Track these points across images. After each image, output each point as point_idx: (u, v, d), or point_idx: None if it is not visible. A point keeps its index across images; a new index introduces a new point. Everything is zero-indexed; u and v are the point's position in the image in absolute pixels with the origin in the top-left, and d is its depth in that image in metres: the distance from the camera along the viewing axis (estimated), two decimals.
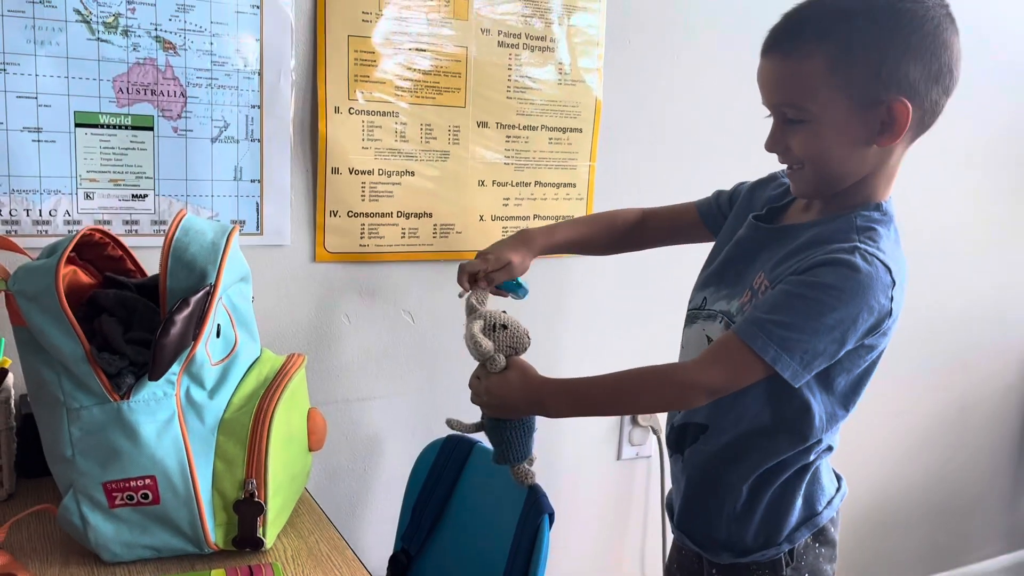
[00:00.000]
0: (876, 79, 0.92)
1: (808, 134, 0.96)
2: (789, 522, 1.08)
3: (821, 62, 0.93)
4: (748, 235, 1.11)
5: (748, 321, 0.96)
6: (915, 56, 0.92)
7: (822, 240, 0.98)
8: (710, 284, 1.14)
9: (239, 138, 1.26)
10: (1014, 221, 2.21)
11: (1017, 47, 2.07)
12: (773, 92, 0.98)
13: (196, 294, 0.89)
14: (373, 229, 1.38)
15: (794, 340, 0.93)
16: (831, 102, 0.94)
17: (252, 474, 0.93)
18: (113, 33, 1.15)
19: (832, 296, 0.93)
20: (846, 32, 0.93)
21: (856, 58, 0.92)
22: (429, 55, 1.37)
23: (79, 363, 0.88)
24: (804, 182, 1.02)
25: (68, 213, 1.17)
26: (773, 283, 1.00)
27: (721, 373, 0.98)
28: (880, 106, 0.93)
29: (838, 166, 0.98)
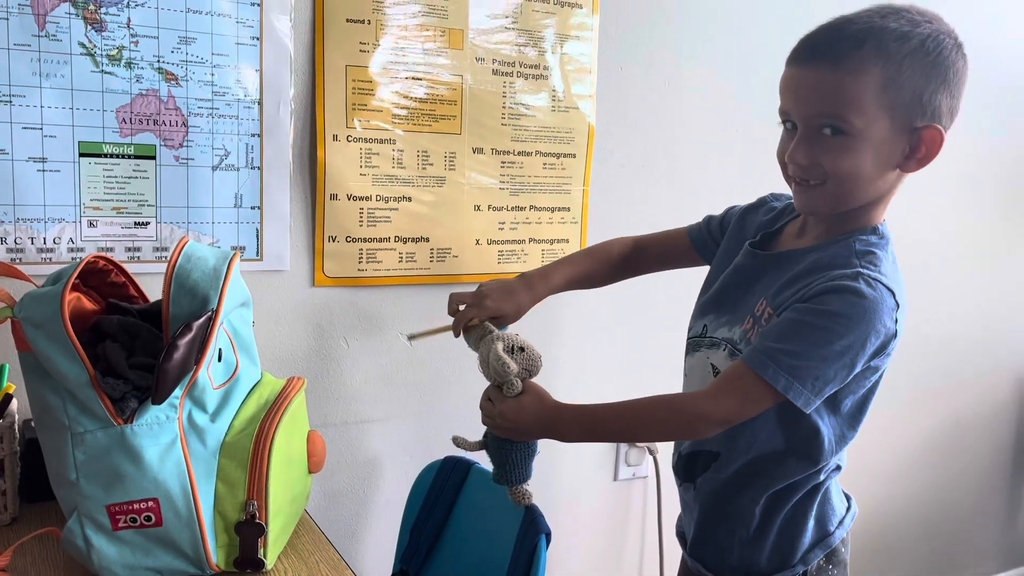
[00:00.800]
0: (919, 105, 0.94)
1: (845, 149, 0.95)
2: (802, 544, 1.09)
3: (877, 78, 0.92)
4: (745, 262, 1.11)
5: (757, 350, 0.96)
6: (948, 89, 0.95)
7: (823, 266, 0.99)
8: (708, 311, 1.15)
9: (239, 166, 1.28)
10: (1003, 240, 2.24)
11: (1002, 66, 2.11)
12: (815, 102, 0.96)
13: (198, 319, 0.92)
14: (371, 254, 1.41)
15: (804, 368, 0.93)
16: (876, 120, 0.93)
17: (253, 496, 0.94)
18: (117, 65, 1.18)
19: (840, 323, 0.93)
20: (900, 51, 0.92)
21: (906, 80, 0.93)
22: (425, 84, 1.40)
23: (84, 388, 0.89)
24: (818, 198, 1.00)
25: (72, 241, 1.20)
26: (777, 310, 1.00)
27: (733, 404, 0.98)
28: (914, 132, 0.95)
29: (863, 186, 0.97)
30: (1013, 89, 2.14)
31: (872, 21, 0.95)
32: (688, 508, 1.19)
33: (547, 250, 1.57)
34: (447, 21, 1.40)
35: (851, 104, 0.93)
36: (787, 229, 1.12)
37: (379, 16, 1.34)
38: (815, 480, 1.07)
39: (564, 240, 1.58)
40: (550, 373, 1.60)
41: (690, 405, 1.02)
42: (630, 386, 1.29)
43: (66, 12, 1.14)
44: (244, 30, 1.25)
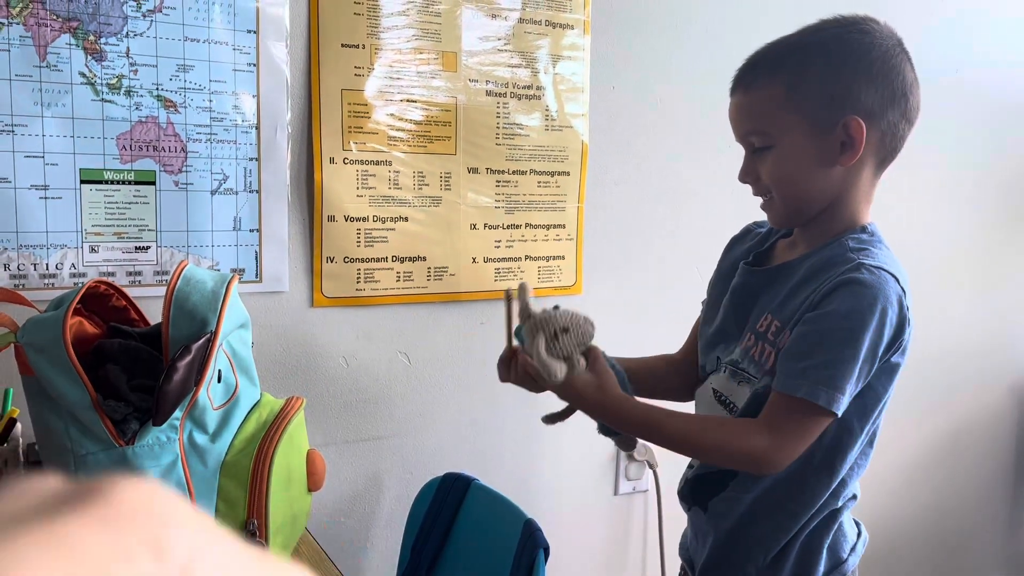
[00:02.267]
0: (830, 101, 0.98)
1: (773, 159, 1.01)
2: (818, 571, 1.08)
3: (779, 89, 1.00)
4: (742, 282, 1.12)
5: (787, 375, 0.96)
6: (866, 80, 0.99)
7: (821, 268, 1.01)
8: (718, 342, 1.14)
9: (238, 190, 1.31)
10: (999, 253, 2.25)
11: (992, 80, 2.13)
12: (740, 124, 1.05)
13: (197, 341, 0.93)
14: (369, 274, 1.43)
15: (837, 375, 0.94)
16: (791, 126, 1.00)
17: (253, 514, 0.96)
18: (116, 93, 1.21)
19: (854, 319, 0.95)
20: (799, 60, 1.00)
21: (810, 82, 0.99)
22: (420, 106, 1.43)
23: (86, 411, 0.91)
24: (778, 211, 1.06)
25: (74, 266, 1.22)
26: (787, 322, 1.01)
27: (795, 441, 0.97)
28: (836, 127, 0.99)
29: (804, 188, 1.02)
30: (1008, 103, 2.16)
31: (778, 42, 1.03)
32: (700, 532, 1.16)
33: (543, 267, 1.59)
34: (440, 44, 1.43)
35: (763, 118, 1.01)
36: (778, 245, 1.14)
37: (373, 40, 1.37)
38: (833, 505, 1.07)
39: (560, 257, 1.60)
40: None
41: (759, 450, 0.97)
42: None
43: (66, 43, 1.17)
44: (241, 57, 1.28)
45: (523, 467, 1.63)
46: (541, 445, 1.65)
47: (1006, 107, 2.17)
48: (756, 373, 1.05)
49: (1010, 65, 2.16)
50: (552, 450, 1.66)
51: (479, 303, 1.54)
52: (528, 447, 1.63)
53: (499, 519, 1.24)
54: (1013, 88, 2.17)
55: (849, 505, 1.10)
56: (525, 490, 1.59)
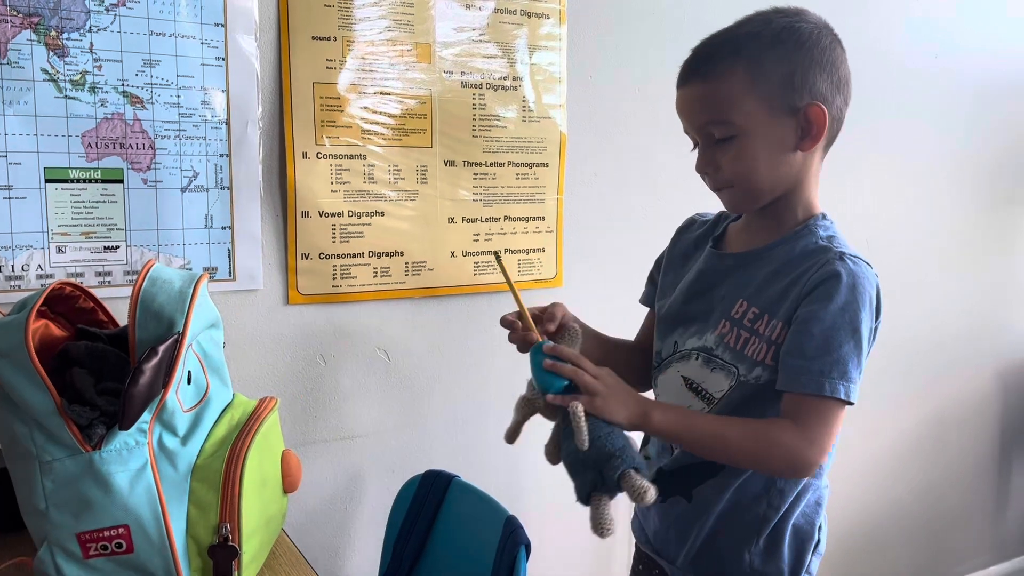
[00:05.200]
0: (791, 88, 1.00)
1: (737, 149, 1.02)
2: (808, 552, 1.10)
3: (740, 76, 1.00)
4: (711, 266, 1.13)
5: (799, 373, 0.98)
6: (819, 67, 1.01)
7: (798, 257, 1.04)
8: (677, 326, 1.15)
9: (208, 187, 1.28)
10: (982, 237, 2.25)
11: (976, 66, 2.13)
12: (698, 114, 1.04)
13: (164, 343, 0.91)
14: (345, 270, 1.40)
15: (850, 368, 0.97)
16: (754, 112, 1.00)
17: (226, 518, 0.94)
18: (80, 90, 1.18)
19: (850, 312, 0.98)
20: (756, 48, 1.01)
21: (770, 70, 1.00)
22: (394, 98, 1.40)
23: (50, 416, 0.89)
24: (736, 198, 1.07)
25: (41, 267, 1.19)
26: (766, 310, 1.03)
27: (826, 438, 0.98)
28: (797, 113, 1.01)
29: (765, 175, 1.03)
30: (992, 87, 2.16)
31: (728, 32, 1.05)
32: (678, 524, 1.14)
33: (523, 260, 1.57)
34: (414, 35, 1.41)
35: (726, 106, 1.01)
36: (729, 229, 1.16)
37: (345, 33, 1.35)
38: (816, 481, 1.10)
39: (540, 249, 1.58)
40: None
41: (797, 452, 0.98)
42: None
43: (27, 39, 1.14)
44: (209, 51, 1.25)
45: (505, 464, 1.61)
46: (523, 441, 1.62)
47: (986, 92, 2.16)
48: (733, 360, 1.06)
49: (989, 51, 2.15)
50: (534, 446, 1.64)
51: (459, 298, 1.52)
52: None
53: (481, 516, 1.23)
54: (992, 73, 2.17)
55: (827, 490, 1.13)
56: (507, 487, 1.58)
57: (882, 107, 1.99)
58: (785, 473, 1.04)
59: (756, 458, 1.01)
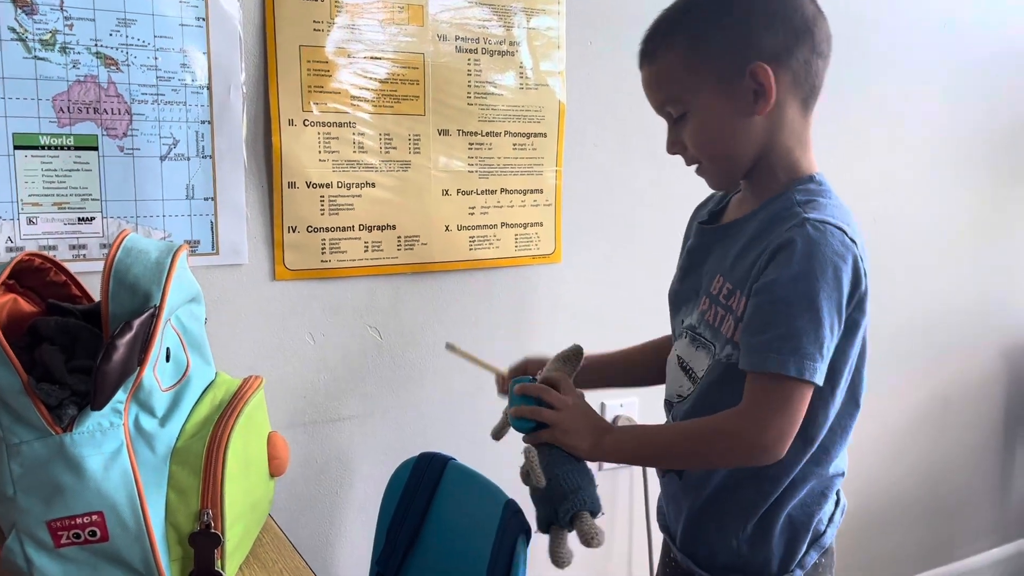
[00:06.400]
0: (732, 52, 0.96)
1: (693, 124, 1.00)
2: (801, 546, 1.04)
3: (680, 51, 0.98)
4: (696, 242, 1.10)
5: (752, 352, 0.92)
6: (764, 23, 0.96)
7: (769, 224, 0.97)
8: (680, 305, 1.12)
9: (189, 155, 1.21)
10: (989, 215, 2.20)
11: (986, 38, 2.07)
12: (653, 96, 1.03)
13: (140, 317, 0.85)
14: (334, 244, 1.34)
15: (803, 343, 0.90)
16: (700, 86, 0.98)
17: (207, 504, 0.88)
18: (51, 51, 1.11)
19: (807, 281, 0.91)
20: (693, 19, 0.99)
21: (708, 38, 0.97)
22: (385, 63, 1.34)
23: (16, 396, 0.82)
24: (711, 174, 1.05)
25: (11, 240, 1.12)
26: (739, 284, 0.98)
27: (777, 419, 0.92)
28: (744, 76, 0.96)
29: (729, 145, 1.00)
30: (996, 65, 2.10)
31: (670, 7, 1.02)
32: (674, 499, 1.12)
33: (520, 235, 1.51)
34: None
35: (672, 84, 1.00)
36: (731, 202, 1.11)
37: None
38: (820, 475, 1.03)
39: (538, 223, 1.52)
40: None
41: (731, 438, 0.94)
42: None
43: None
44: (188, 10, 1.18)
45: (502, 446, 1.55)
46: None
47: (997, 65, 2.11)
48: (712, 338, 1.02)
49: (999, 23, 2.09)
50: None
51: (453, 274, 1.46)
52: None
53: (478, 500, 1.18)
54: (1002, 46, 2.11)
55: (837, 481, 1.06)
56: (505, 470, 1.52)
57: (889, 80, 1.93)
58: (737, 462, 0.98)
59: (706, 455, 0.98)
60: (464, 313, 1.48)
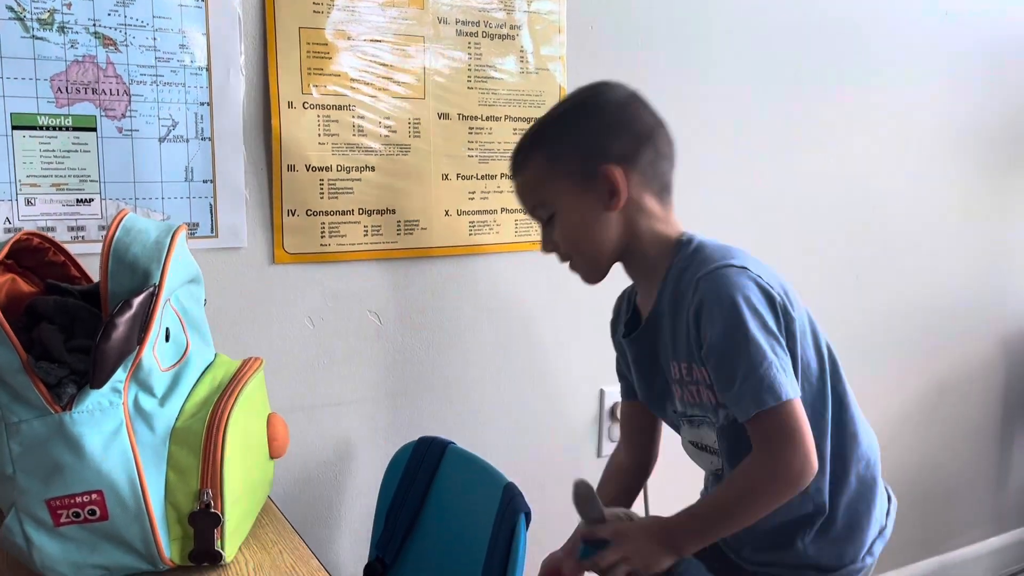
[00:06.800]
0: (584, 158, 1.09)
1: (560, 223, 1.11)
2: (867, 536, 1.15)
3: (541, 162, 1.12)
4: (635, 351, 1.19)
5: (737, 403, 1.01)
6: (609, 132, 1.09)
7: (678, 299, 1.07)
8: (661, 403, 1.20)
9: (188, 137, 1.21)
10: (987, 204, 2.20)
11: (986, 26, 2.06)
12: (524, 202, 1.16)
13: (139, 296, 0.84)
14: (334, 228, 1.33)
15: (768, 371, 0.99)
16: (561, 189, 1.10)
17: (207, 484, 0.88)
18: (49, 30, 1.10)
19: (732, 325, 1.00)
20: (549, 134, 1.13)
21: (564, 148, 1.10)
22: (385, 46, 1.33)
23: (15, 374, 0.82)
24: (580, 268, 1.15)
25: (8, 221, 1.12)
26: (690, 358, 1.07)
27: (792, 442, 0.99)
28: (597, 177, 1.08)
29: (593, 239, 1.11)
30: (996, 54, 2.10)
31: (528, 130, 1.16)
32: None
33: (520, 220, 1.50)
34: None
35: (537, 190, 1.13)
36: (638, 304, 1.19)
37: None
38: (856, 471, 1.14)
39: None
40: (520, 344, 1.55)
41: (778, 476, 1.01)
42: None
43: None
44: None
45: (502, 430, 1.56)
46: (520, 407, 1.58)
47: (996, 53, 2.10)
48: (704, 413, 1.11)
49: (1000, 11, 2.09)
50: (532, 412, 1.59)
51: (453, 259, 1.46)
52: (506, 409, 1.56)
53: (478, 484, 1.18)
54: (1002, 35, 2.11)
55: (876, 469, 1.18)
56: (504, 453, 1.52)
57: (888, 67, 1.93)
58: (788, 495, 1.02)
59: (760, 506, 1.02)
60: (463, 298, 1.48)
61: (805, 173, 1.85)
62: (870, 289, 2.01)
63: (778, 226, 1.82)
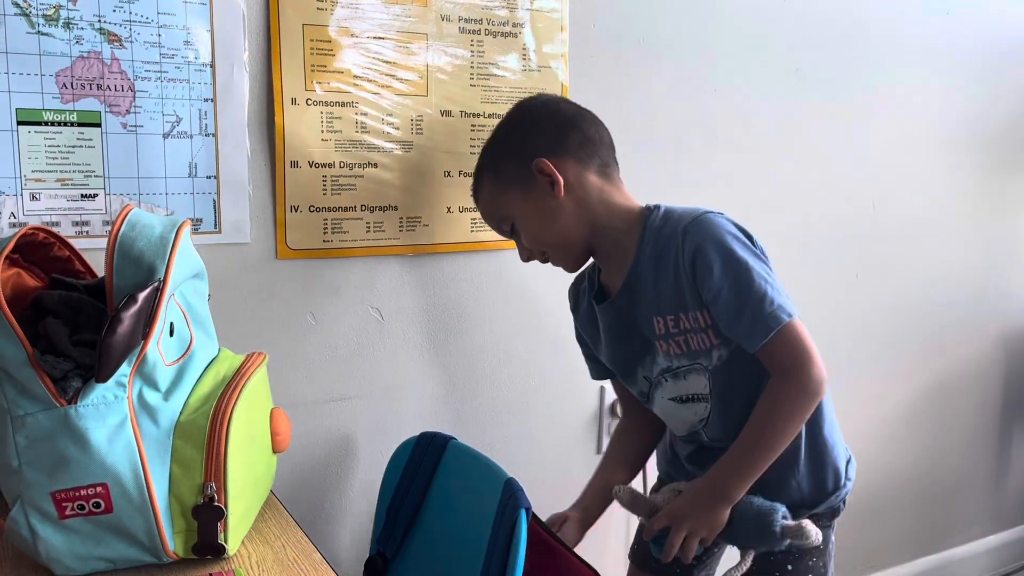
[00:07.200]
0: (518, 162, 1.18)
1: (524, 229, 1.21)
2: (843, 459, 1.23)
3: (488, 181, 1.23)
4: (609, 316, 1.23)
5: (749, 333, 1.10)
6: (532, 131, 1.20)
7: (660, 254, 1.14)
8: (632, 368, 1.25)
9: (192, 133, 1.21)
10: (988, 201, 2.20)
11: (989, 25, 2.07)
12: (489, 221, 1.27)
13: (144, 290, 0.85)
14: (336, 224, 1.34)
15: (768, 296, 1.09)
16: (512, 199, 1.20)
17: (211, 477, 0.88)
18: (54, 26, 1.10)
19: (728, 261, 1.09)
20: (488, 155, 1.24)
21: (501, 162, 1.21)
22: (388, 43, 1.33)
23: (21, 367, 0.83)
24: (559, 260, 1.24)
25: (13, 216, 1.12)
26: (679, 309, 1.14)
27: (807, 358, 1.09)
28: (534, 175, 1.17)
29: (556, 232, 1.19)
30: (997, 53, 2.10)
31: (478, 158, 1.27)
32: None
33: None
34: None
35: (496, 206, 1.23)
36: (603, 280, 1.26)
37: None
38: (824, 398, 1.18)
39: None
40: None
41: (802, 391, 1.10)
42: None
43: None
44: None
45: (502, 426, 1.57)
46: (521, 403, 1.58)
47: (999, 52, 2.11)
48: (693, 360, 1.17)
49: (1004, 10, 2.09)
50: (533, 408, 1.60)
51: (455, 255, 1.46)
52: (507, 405, 1.57)
53: (479, 479, 1.18)
54: (1006, 33, 2.11)
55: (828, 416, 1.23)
56: (505, 449, 1.53)
57: (889, 66, 1.93)
58: (812, 406, 1.11)
59: (792, 424, 1.10)
60: (465, 295, 1.49)
61: (806, 171, 1.85)
62: (870, 287, 2.01)
63: (779, 224, 1.83)
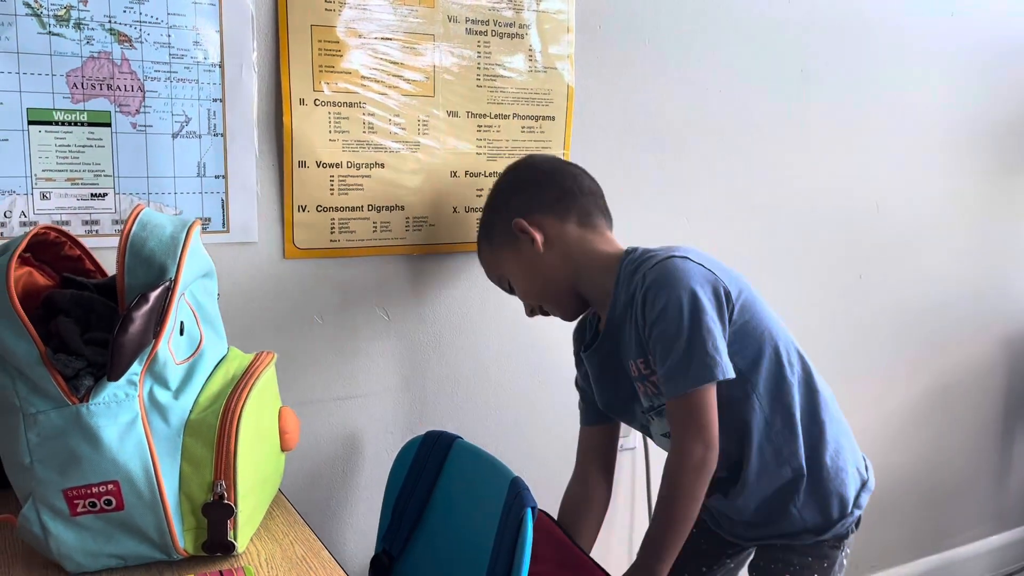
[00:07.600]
0: (501, 225, 1.26)
1: (516, 286, 1.30)
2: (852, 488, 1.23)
3: (485, 246, 1.32)
4: (595, 362, 1.28)
5: (666, 381, 1.12)
6: (511, 193, 1.28)
7: (629, 299, 1.17)
8: (626, 409, 1.29)
9: (201, 133, 1.22)
10: (990, 203, 2.21)
11: (992, 26, 2.07)
12: (492, 280, 1.35)
13: (155, 290, 0.86)
14: (343, 223, 1.35)
15: (701, 354, 1.09)
16: (503, 257, 1.29)
17: (221, 476, 0.89)
18: (65, 26, 1.11)
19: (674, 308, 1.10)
20: (482, 223, 1.33)
21: (491, 227, 1.30)
22: (396, 44, 1.34)
23: (34, 366, 0.84)
24: (555, 311, 1.30)
25: (24, 215, 1.13)
26: (643, 353, 1.17)
27: (699, 430, 1.11)
28: (516, 234, 1.25)
29: (545, 284, 1.26)
30: (997, 55, 2.10)
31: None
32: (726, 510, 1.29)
33: None
34: None
35: (493, 267, 1.33)
36: (599, 327, 1.28)
37: None
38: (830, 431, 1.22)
39: None
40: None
41: (686, 469, 1.11)
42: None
43: None
44: None
45: (508, 425, 1.57)
46: (527, 402, 1.59)
47: (1002, 53, 2.11)
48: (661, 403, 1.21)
49: (1007, 11, 2.09)
50: (539, 407, 1.61)
51: (461, 255, 1.47)
52: (512, 404, 1.57)
53: (484, 478, 1.19)
54: (1009, 34, 2.11)
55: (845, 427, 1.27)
56: (510, 448, 1.54)
57: (891, 67, 1.93)
58: (704, 476, 1.12)
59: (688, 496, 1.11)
60: (471, 295, 1.50)
61: (808, 172, 1.86)
62: (872, 288, 2.02)
63: (781, 225, 1.84)
